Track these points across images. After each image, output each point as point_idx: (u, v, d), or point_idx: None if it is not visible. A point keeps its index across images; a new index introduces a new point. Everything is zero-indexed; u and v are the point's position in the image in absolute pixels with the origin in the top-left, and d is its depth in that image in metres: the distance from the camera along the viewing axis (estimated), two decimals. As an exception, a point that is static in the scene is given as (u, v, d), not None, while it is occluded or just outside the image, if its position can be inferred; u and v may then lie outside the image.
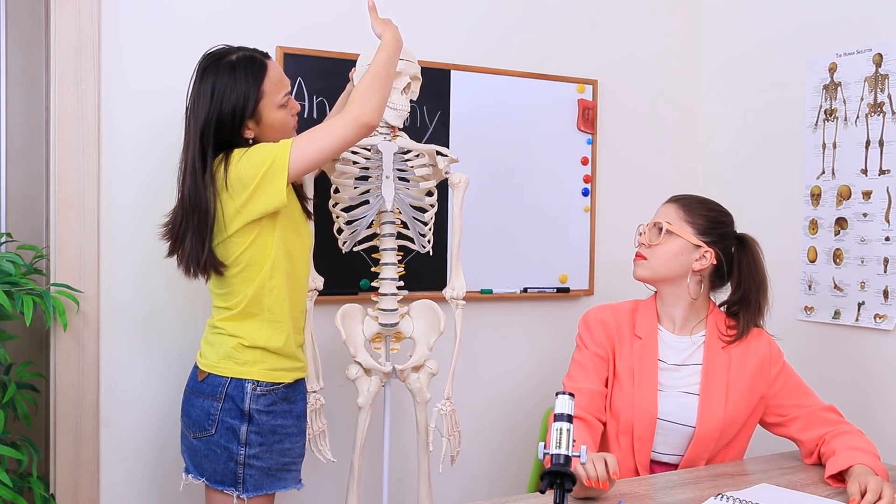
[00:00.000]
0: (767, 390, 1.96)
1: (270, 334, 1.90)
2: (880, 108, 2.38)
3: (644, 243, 1.99)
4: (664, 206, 2.03)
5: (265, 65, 1.88)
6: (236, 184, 1.82)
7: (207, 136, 1.84)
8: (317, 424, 2.12)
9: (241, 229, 1.85)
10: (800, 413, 1.94)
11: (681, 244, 1.96)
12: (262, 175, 1.80)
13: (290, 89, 1.93)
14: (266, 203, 1.83)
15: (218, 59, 1.87)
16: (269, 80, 1.87)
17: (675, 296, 1.99)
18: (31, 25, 2.20)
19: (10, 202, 2.22)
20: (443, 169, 2.16)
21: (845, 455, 1.79)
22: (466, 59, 2.59)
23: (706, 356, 1.96)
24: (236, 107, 1.84)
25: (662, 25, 2.94)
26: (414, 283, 2.39)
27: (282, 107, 1.89)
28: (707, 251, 1.95)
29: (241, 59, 1.87)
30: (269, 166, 1.80)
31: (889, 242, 2.36)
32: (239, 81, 1.84)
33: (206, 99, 1.85)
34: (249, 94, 1.84)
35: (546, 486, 1.33)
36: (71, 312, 2.09)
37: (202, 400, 1.91)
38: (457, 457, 2.25)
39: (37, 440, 2.17)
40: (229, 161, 1.83)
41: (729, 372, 1.95)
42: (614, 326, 2.01)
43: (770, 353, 1.99)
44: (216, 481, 1.90)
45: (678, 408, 1.92)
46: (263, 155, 1.82)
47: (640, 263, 2.00)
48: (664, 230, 1.96)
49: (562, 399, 1.41)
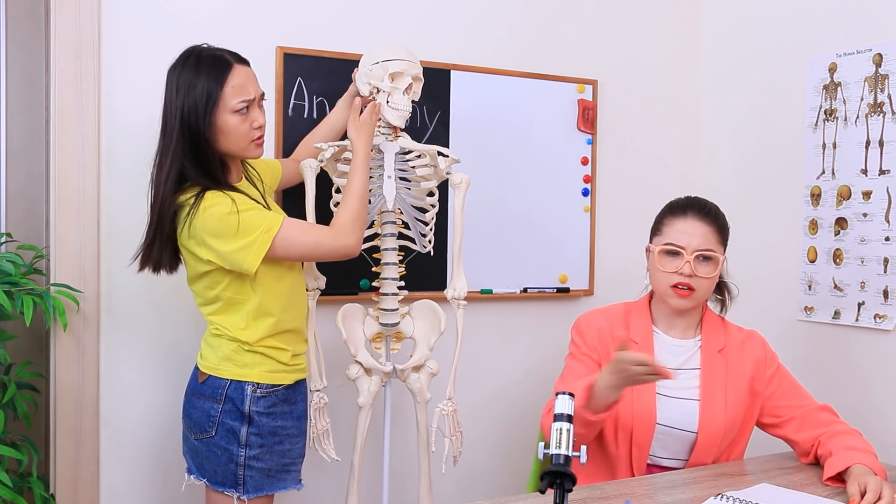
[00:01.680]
0: (763, 390, 1.95)
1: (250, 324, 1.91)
2: (880, 108, 2.38)
3: (692, 275, 1.88)
4: (699, 226, 1.90)
5: (230, 66, 1.86)
6: (203, 231, 1.81)
7: (171, 134, 1.84)
8: (320, 423, 2.11)
9: (209, 272, 1.87)
10: (795, 414, 1.93)
11: (720, 267, 1.92)
12: (240, 245, 1.81)
13: (252, 98, 1.88)
14: (235, 266, 1.84)
15: (188, 55, 1.88)
16: (229, 83, 1.84)
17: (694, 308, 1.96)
18: (31, 25, 2.20)
19: (10, 202, 2.22)
20: (444, 169, 2.16)
21: (843, 455, 1.78)
22: (466, 60, 2.59)
23: (704, 360, 1.95)
24: (197, 104, 1.82)
25: (662, 24, 2.94)
26: (415, 283, 2.39)
27: (236, 112, 1.85)
28: (723, 259, 1.94)
29: (207, 57, 1.86)
30: (250, 240, 1.81)
31: (889, 242, 2.36)
32: (200, 78, 1.83)
33: (171, 93, 1.85)
34: (207, 93, 1.82)
35: (546, 486, 1.33)
36: (71, 312, 2.09)
37: (203, 402, 1.91)
38: (459, 457, 2.25)
39: (37, 440, 2.17)
40: (196, 208, 1.81)
41: (727, 375, 1.93)
42: (608, 331, 1.97)
43: (765, 354, 1.98)
44: (217, 482, 1.91)
45: (678, 413, 1.91)
46: (246, 226, 1.81)
47: (690, 297, 1.89)
48: (716, 263, 1.89)
49: (562, 399, 1.41)
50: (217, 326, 1.93)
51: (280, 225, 1.84)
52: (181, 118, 1.83)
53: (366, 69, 2.09)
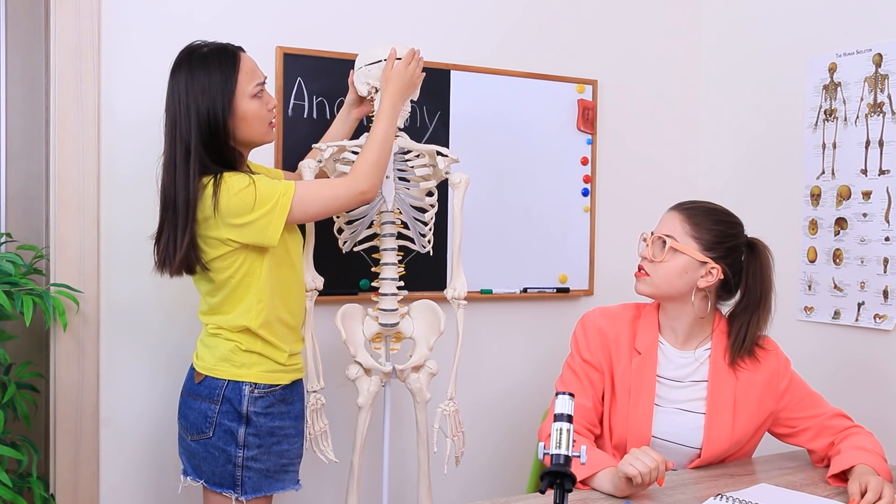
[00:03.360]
0: (776, 405, 1.90)
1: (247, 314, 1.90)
2: (880, 108, 2.38)
3: (647, 257, 1.87)
4: (670, 215, 1.90)
5: (237, 55, 1.89)
6: (227, 214, 1.82)
7: (188, 133, 1.82)
8: (318, 424, 2.11)
9: (225, 254, 1.86)
10: (810, 424, 1.89)
11: (685, 261, 1.84)
12: (260, 214, 1.81)
13: (263, 81, 1.91)
14: (258, 239, 1.84)
15: (189, 54, 1.88)
16: (241, 70, 1.87)
17: (678, 311, 1.90)
18: (31, 25, 2.20)
19: (10, 202, 2.22)
20: (443, 169, 2.16)
21: (849, 454, 1.77)
22: (466, 60, 2.59)
23: (712, 373, 1.88)
24: (214, 99, 1.83)
25: (662, 24, 2.94)
26: (414, 283, 2.39)
27: (254, 97, 1.88)
28: (714, 267, 1.84)
29: (213, 51, 1.87)
30: (269, 207, 1.82)
31: (889, 242, 2.36)
32: (213, 72, 1.84)
33: (180, 94, 1.84)
34: (224, 84, 1.84)
35: (546, 486, 1.33)
36: (71, 312, 2.09)
37: (199, 402, 1.91)
38: (461, 457, 2.24)
39: (37, 440, 2.17)
40: (219, 188, 1.81)
41: (736, 390, 1.87)
42: (613, 338, 1.92)
43: (778, 366, 1.91)
44: (214, 483, 1.90)
45: (678, 427, 1.87)
46: (263, 195, 1.82)
47: (642, 279, 1.88)
48: (668, 246, 1.84)
49: (562, 399, 1.41)
50: (215, 325, 1.92)
51: (294, 188, 1.86)
52: (197, 115, 1.83)
53: (364, 68, 2.09)
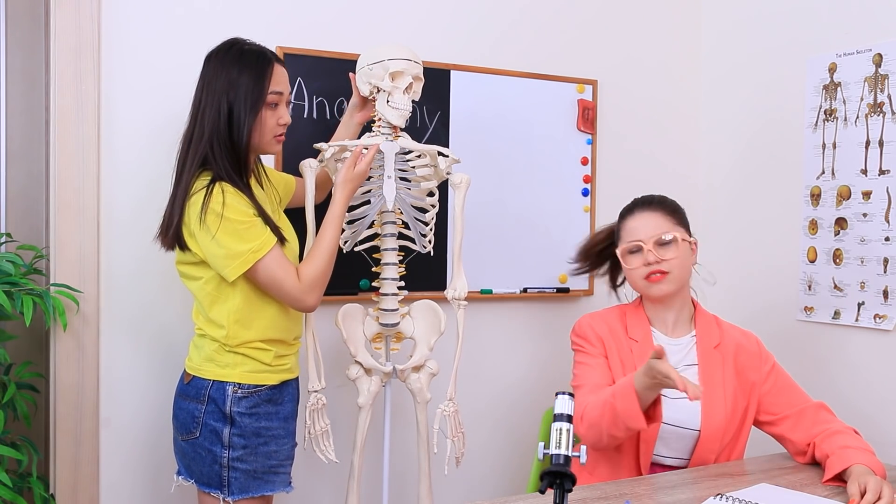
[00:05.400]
0: (760, 386, 1.97)
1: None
2: (880, 108, 2.38)
3: (658, 260, 1.95)
4: (648, 218, 1.99)
5: (272, 63, 1.91)
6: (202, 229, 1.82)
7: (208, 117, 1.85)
8: (319, 424, 2.10)
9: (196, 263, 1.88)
10: (790, 412, 1.95)
11: (686, 247, 1.98)
12: (226, 253, 1.82)
13: (281, 93, 1.91)
14: (217, 269, 1.85)
15: (230, 46, 1.91)
16: (270, 78, 1.88)
17: (682, 299, 2.01)
18: (31, 25, 2.20)
19: (10, 202, 2.22)
20: (444, 169, 2.16)
21: (842, 455, 1.79)
22: (466, 60, 2.59)
23: (700, 356, 1.98)
24: (239, 94, 1.85)
25: (663, 25, 2.94)
26: (414, 283, 2.39)
27: (266, 105, 1.89)
28: (693, 242, 2.01)
29: (253, 52, 1.90)
30: (239, 251, 1.81)
31: (889, 242, 2.36)
32: (245, 71, 1.86)
33: (212, 80, 1.87)
34: (254, 84, 1.86)
35: (546, 486, 1.33)
36: (71, 312, 2.09)
37: (188, 402, 1.91)
38: (462, 458, 2.25)
39: (37, 440, 2.17)
40: (208, 204, 1.81)
41: (724, 370, 1.96)
42: (607, 331, 2.01)
43: (759, 351, 2.01)
44: (204, 483, 1.91)
45: (680, 411, 1.92)
46: (242, 238, 1.82)
47: (663, 280, 1.95)
48: (679, 241, 1.96)
49: (561, 399, 1.41)
50: (200, 327, 1.94)
51: (268, 250, 1.84)
52: (218, 104, 1.85)
53: (366, 68, 2.09)
